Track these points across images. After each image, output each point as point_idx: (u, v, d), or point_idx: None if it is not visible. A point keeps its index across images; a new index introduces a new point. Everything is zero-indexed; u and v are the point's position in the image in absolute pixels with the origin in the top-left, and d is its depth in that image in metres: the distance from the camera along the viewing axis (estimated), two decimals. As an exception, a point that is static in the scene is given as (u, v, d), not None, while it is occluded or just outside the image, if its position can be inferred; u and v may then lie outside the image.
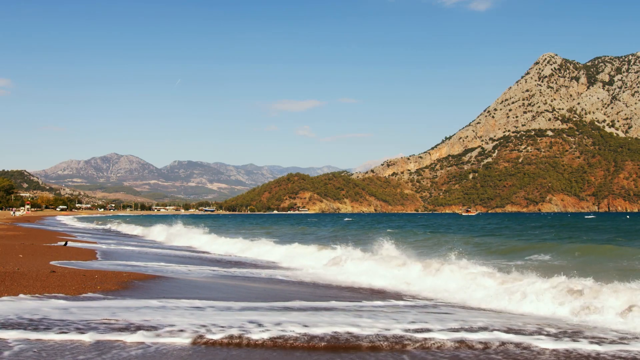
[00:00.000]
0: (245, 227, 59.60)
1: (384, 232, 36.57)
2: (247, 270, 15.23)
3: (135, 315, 7.05)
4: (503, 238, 31.45)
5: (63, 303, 7.69)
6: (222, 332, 6.30)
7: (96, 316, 6.80)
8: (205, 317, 7.21)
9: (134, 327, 6.37)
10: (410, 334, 6.59)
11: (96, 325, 6.37)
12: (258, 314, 7.65)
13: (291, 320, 7.18)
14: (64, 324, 6.32)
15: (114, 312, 7.14)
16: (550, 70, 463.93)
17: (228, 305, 8.28)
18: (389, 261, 15.00)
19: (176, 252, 22.09)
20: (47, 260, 13.71)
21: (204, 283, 11.24)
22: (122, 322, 6.60)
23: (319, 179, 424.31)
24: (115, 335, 5.96)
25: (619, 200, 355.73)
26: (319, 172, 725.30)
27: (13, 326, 6.10)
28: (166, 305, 7.94)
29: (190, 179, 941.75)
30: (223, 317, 7.22)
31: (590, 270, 12.62)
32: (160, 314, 7.27)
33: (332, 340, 6.20)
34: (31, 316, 6.62)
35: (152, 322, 6.68)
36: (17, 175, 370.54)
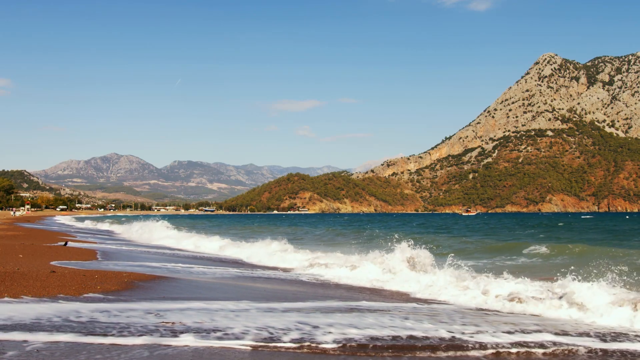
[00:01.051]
0: (235, 227, 59.51)
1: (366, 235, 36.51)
2: (239, 270, 15.18)
3: (185, 317, 6.89)
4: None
5: (105, 305, 7.57)
6: (285, 335, 6.09)
7: (143, 319, 6.64)
8: (253, 319, 7.04)
9: (193, 330, 6.18)
10: (467, 337, 6.45)
11: (154, 328, 6.20)
12: (302, 315, 7.51)
13: (341, 322, 6.99)
14: (120, 327, 6.16)
15: (159, 314, 6.99)
16: (550, 70, 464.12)
17: (270, 307, 8.15)
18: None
19: (154, 249, 22.11)
20: (47, 261, 13.67)
21: (207, 283, 11.18)
22: (178, 325, 6.41)
23: (319, 179, 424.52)
24: (176, 340, 5.74)
25: (619, 200, 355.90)
26: (319, 172, 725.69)
27: (65, 329, 5.91)
28: (208, 307, 7.79)
29: (190, 179, 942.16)
30: (274, 320, 7.03)
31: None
32: (206, 315, 7.09)
33: (400, 344, 6.00)
34: (77, 318, 6.45)
35: (206, 324, 6.47)
36: (17, 175, 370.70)
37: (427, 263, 13.61)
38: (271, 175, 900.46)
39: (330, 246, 26.50)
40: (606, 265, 11.09)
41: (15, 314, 6.60)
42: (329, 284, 12.64)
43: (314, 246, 25.30)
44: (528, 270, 14.41)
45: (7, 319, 6.37)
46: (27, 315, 6.55)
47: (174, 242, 27.92)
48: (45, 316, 6.53)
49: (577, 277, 9.43)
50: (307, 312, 7.90)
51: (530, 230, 42.00)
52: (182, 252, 21.68)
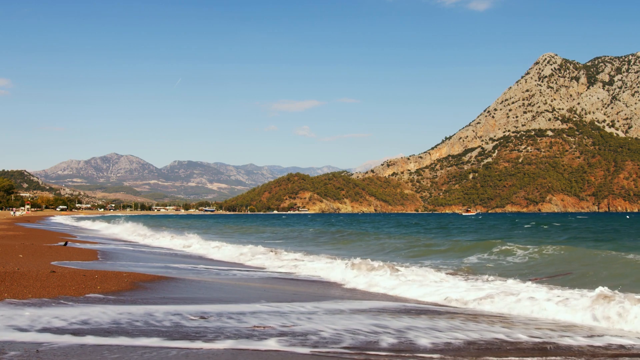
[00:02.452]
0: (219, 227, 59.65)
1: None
2: (230, 269, 15.16)
3: (270, 320, 6.85)
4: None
5: (172, 308, 7.54)
6: (381, 339, 5.96)
7: (236, 322, 6.58)
8: (330, 322, 6.93)
9: (289, 333, 6.12)
10: (555, 340, 6.43)
11: (249, 332, 6.10)
12: (371, 317, 7.40)
13: (416, 325, 6.90)
14: (213, 331, 6.09)
15: (239, 318, 6.93)
16: (550, 70, 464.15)
17: (317, 307, 8.11)
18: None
19: (147, 249, 22.13)
20: (47, 261, 13.66)
21: (212, 283, 11.16)
22: (270, 328, 6.33)
23: (319, 179, 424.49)
24: (263, 344, 5.63)
25: (619, 200, 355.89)
26: (319, 172, 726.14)
27: (169, 336, 5.80)
28: (260, 310, 7.72)
29: (190, 179, 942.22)
30: (352, 322, 6.90)
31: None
32: (281, 318, 7.04)
33: (493, 347, 5.92)
34: (170, 323, 6.38)
35: (297, 328, 6.41)
36: (17, 175, 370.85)
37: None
38: (271, 175, 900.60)
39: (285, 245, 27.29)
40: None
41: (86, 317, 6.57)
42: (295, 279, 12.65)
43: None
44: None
45: (83, 322, 6.35)
46: (102, 319, 6.49)
47: (167, 242, 28.84)
48: (124, 319, 6.48)
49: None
50: (372, 314, 7.78)
51: (517, 231, 41.89)
52: (171, 252, 21.81)
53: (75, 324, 6.11)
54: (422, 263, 17.53)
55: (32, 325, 5.94)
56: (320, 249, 25.35)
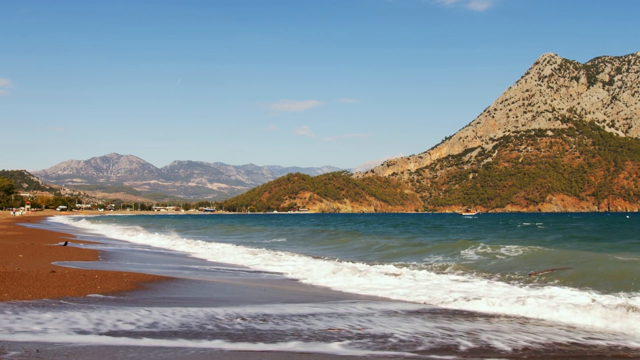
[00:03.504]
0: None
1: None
2: (220, 267, 15.17)
3: (345, 322, 6.83)
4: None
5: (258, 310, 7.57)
6: (462, 343, 5.91)
7: (307, 323, 6.60)
8: (393, 324, 6.93)
9: (369, 335, 6.09)
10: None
11: (324, 334, 6.10)
12: (427, 319, 7.39)
13: (477, 327, 6.87)
14: (290, 333, 6.12)
15: (305, 319, 6.96)
16: (550, 70, 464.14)
17: (367, 311, 8.05)
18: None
19: (139, 248, 22.14)
20: (47, 261, 13.66)
21: (212, 283, 11.16)
22: (344, 331, 6.27)
23: (319, 179, 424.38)
24: (363, 349, 5.58)
25: (619, 200, 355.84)
26: (319, 172, 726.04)
27: (242, 337, 5.83)
28: (300, 312, 7.71)
29: (190, 179, 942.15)
30: (413, 325, 6.89)
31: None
32: (344, 320, 7.01)
33: (574, 352, 5.85)
34: (242, 326, 6.38)
35: (370, 330, 6.36)
36: (17, 175, 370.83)
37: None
38: (271, 175, 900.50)
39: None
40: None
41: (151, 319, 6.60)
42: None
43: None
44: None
45: (151, 324, 6.35)
46: (170, 321, 6.50)
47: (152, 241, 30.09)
48: (193, 322, 6.45)
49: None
50: (427, 315, 7.77)
51: (503, 231, 41.80)
52: (157, 250, 21.86)
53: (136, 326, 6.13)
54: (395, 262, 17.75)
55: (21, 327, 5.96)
56: (308, 249, 25.90)
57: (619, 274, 12.87)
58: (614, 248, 21.28)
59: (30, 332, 5.67)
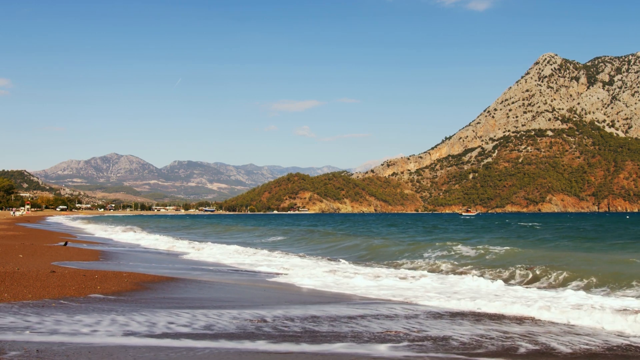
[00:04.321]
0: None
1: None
2: (210, 268, 15.17)
3: (396, 324, 6.85)
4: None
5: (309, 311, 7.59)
6: (523, 345, 5.90)
7: (361, 325, 6.59)
8: (440, 326, 6.96)
9: (430, 338, 6.09)
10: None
11: (384, 337, 6.09)
12: (468, 322, 7.41)
13: (530, 331, 6.89)
14: (352, 336, 6.11)
15: (358, 322, 6.94)
16: (550, 70, 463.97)
17: (411, 313, 8.03)
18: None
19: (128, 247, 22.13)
20: (47, 261, 13.67)
21: (213, 283, 11.16)
22: (402, 333, 6.25)
23: (319, 179, 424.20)
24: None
25: (619, 200, 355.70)
26: (319, 172, 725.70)
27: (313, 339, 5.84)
28: (351, 313, 7.67)
29: (190, 179, 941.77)
30: (457, 327, 6.91)
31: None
32: (395, 322, 7.03)
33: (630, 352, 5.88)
34: (299, 328, 6.41)
35: (429, 333, 6.34)
36: (17, 175, 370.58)
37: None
38: (271, 175, 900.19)
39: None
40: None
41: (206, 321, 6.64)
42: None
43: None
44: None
45: (207, 327, 6.36)
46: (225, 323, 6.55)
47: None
48: (247, 324, 6.49)
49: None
50: (473, 318, 7.75)
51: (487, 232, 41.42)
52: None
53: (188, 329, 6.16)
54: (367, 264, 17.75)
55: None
56: (302, 249, 26.01)
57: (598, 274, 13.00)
58: (598, 249, 21.41)
59: (38, 333, 5.69)
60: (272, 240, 33.10)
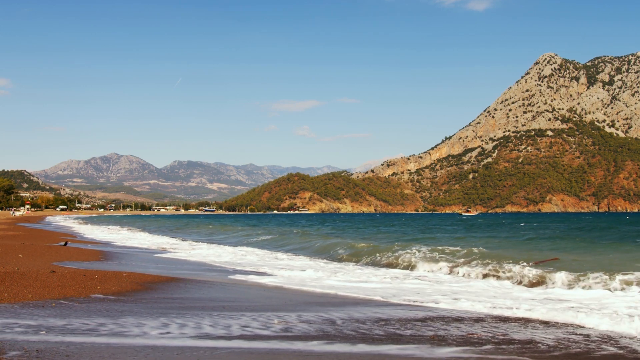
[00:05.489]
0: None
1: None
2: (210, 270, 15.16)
3: (464, 327, 6.87)
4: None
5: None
6: (604, 348, 5.94)
7: (441, 329, 6.64)
8: (510, 329, 6.91)
9: (517, 341, 6.06)
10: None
11: (467, 339, 6.12)
12: (519, 326, 7.32)
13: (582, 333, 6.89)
14: (438, 338, 6.17)
15: (427, 324, 6.99)
16: (550, 70, 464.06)
17: (477, 316, 7.98)
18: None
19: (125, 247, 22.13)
20: (47, 261, 13.66)
21: (212, 283, 11.15)
22: (485, 336, 6.23)
23: (319, 179, 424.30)
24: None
25: (619, 200, 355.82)
26: (319, 172, 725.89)
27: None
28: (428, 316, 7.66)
29: (190, 179, 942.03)
30: (532, 332, 6.85)
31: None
32: (469, 325, 7.04)
33: None
34: (382, 331, 6.45)
35: (513, 336, 6.32)
36: (17, 175, 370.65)
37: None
38: (271, 175, 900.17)
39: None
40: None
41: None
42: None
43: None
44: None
45: (285, 329, 6.38)
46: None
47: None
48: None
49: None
50: (521, 321, 7.67)
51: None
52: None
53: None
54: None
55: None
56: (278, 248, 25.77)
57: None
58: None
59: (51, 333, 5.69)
60: (259, 240, 32.95)
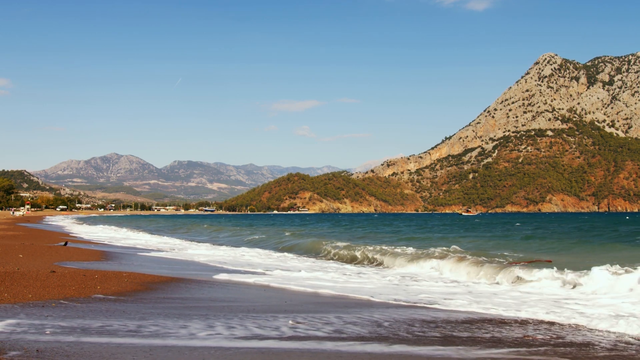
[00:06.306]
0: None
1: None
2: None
3: (521, 329, 6.87)
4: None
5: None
6: None
7: (499, 331, 6.64)
8: (570, 332, 6.96)
9: (575, 344, 6.09)
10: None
11: (524, 341, 6.14)
12: (569, 329, 7.35)
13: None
14: (496, 340, 6.20)
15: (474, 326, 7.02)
16: (550, 70, 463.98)
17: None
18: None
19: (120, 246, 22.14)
20: (47, 261, 13.65)
21: (214, 284, 11.14)
22: (541, 339, 6.24)
23: (319, 179, 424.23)
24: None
25: (619, 200, 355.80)
26: (319, 172, 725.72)
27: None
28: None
29: (190, 179, 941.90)
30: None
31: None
32: (517, 327, 7.07)
33: None
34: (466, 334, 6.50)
35: (569, 338, 6.36)
36: (17, 175, 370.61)
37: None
38: (271, 175, 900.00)
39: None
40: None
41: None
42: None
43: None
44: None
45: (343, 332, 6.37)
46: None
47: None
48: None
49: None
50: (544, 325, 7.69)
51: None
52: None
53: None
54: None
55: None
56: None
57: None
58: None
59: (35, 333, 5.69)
60: (255, 239, 32.95)
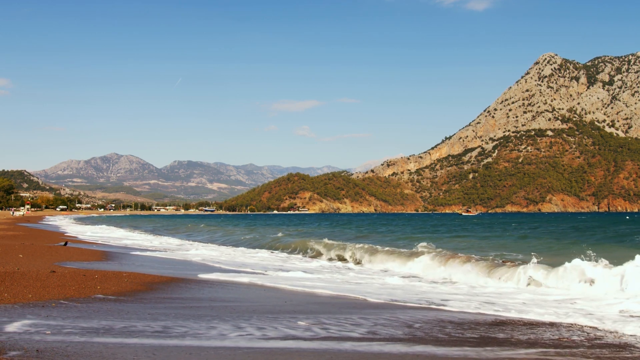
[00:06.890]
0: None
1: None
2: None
3: (557, 331, 6.88)
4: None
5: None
6: None
7: (534, 333, 6.64)
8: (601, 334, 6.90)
9: (611, 345, 6.07)
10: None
11: (559, 343, 6.14)
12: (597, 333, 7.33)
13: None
14: (534, 341, 6.18)
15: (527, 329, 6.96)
16: (550, 70, 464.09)
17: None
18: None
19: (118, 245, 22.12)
20: (47, 261, 13.64)
21: (214, 283, 11.11)
22: (576, 340, 6.23)
23: (319, 179, 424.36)
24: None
25: (619, 200, 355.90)
26: (319, 172, 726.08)
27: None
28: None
29: (190, 179, 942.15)
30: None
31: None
32: (549, 329, 7.08)
33: None
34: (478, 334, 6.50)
35: (607, 340, 6.33)
36: (17, 175, 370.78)
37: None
38: (271, 175, 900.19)
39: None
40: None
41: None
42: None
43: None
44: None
45: (388, 336, 6.30)
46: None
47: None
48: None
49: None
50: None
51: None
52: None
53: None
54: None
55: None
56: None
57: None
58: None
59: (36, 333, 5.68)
60: (253, 239, 32.93)
